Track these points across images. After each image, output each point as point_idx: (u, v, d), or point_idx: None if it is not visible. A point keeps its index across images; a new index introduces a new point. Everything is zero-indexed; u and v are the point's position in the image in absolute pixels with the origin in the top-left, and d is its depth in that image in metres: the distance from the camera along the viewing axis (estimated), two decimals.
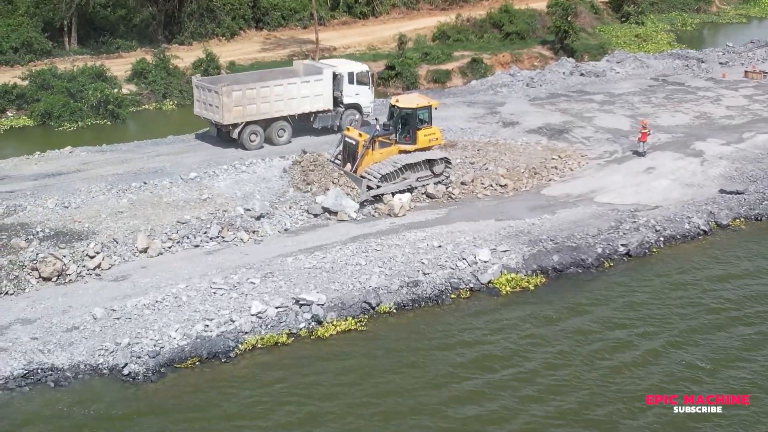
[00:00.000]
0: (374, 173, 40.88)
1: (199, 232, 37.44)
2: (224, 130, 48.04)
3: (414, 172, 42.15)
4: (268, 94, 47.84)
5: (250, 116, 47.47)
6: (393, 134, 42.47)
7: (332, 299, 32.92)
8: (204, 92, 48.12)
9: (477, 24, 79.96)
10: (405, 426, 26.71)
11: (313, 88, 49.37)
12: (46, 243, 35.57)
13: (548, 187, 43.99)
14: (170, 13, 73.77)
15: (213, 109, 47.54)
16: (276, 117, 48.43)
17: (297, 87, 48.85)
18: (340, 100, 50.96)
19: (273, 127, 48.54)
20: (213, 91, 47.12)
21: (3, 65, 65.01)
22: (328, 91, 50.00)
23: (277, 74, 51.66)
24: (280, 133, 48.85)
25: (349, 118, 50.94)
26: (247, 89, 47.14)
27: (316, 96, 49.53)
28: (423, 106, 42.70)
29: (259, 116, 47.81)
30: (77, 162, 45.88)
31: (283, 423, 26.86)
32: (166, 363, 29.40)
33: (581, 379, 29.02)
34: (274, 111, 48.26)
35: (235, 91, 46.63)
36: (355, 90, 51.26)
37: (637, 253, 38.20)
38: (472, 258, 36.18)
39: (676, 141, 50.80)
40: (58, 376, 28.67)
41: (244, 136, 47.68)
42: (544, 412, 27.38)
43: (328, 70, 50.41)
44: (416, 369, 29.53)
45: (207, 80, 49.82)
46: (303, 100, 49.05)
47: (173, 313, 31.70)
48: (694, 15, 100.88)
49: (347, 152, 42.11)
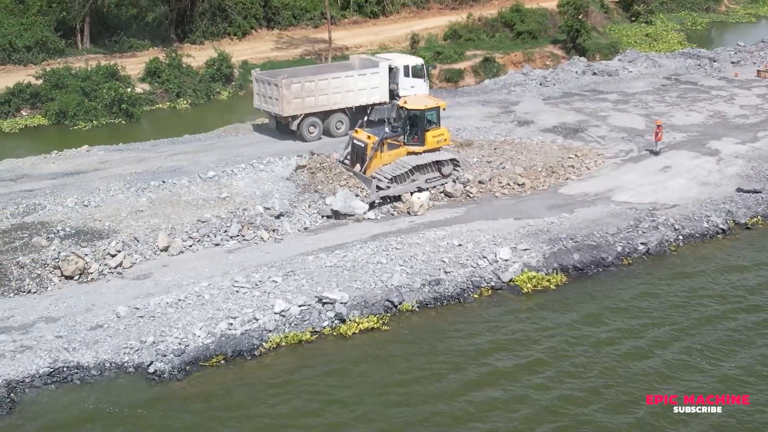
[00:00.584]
0: (384, 175, 40.75)
1: (220, 231, 37.48)
2: (283, 122, 49.68)
3: (423, 174, 42.06)
4: (326, 86, 49.55)
5: (309, 108, 49.16)
6: (401, 136, 42.24)
7: (355, 297, 32.93)
8: (263, 85, 49.79)
9: (488, 23, 79.97)
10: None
11: (369, 80, 51.09)
12: (67, 242, 35.63)
13: (565, 186, 43.96)
14: (182, 12, 73.91)
15: (272, 101, 49.25)
16: (334, 109, 50.15)
17: (354, 80, 50.57)
18: (396, 93, 52.34)
19: (331, 119, 50.28)
20: (272, 84, 48.83)
21: (16, 64, 65.16)
22: (384, 83, 51.72)
23: (335, 68, 53.83)
24: (338, 125, 50.51)
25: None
26: (306, 82, 48.94)
27: (373, 89, 51.25)
28: (431, 108, 42.43)
29: (318, 108, 49.49)
30: (95, 161, 45.99)
31: (310, 420, 26.86)
32: (192, 361, 29.41)
33: (605, 379, 28.99)
34: (332, 103, 50.00)
35: (294, 83, 48.42)
36: (410, 83, 53.19)
37: (657, 252, 38.18)
38: (493, 256, 36.18)
39: (691, 140, 50.76)
40: (84, 375, 28.68)
41: (303, 128, 49.36)
42: (555, 403, 27.55)
43: (384, 63, 52.24)
44: (439, 366, 29.55)
45: (266, 74, 51.64)
46: (360, 92, 50.74)
47: (197, 311, 31.73)
48: (703, 14, 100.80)
49: (356, 154, 41.96)
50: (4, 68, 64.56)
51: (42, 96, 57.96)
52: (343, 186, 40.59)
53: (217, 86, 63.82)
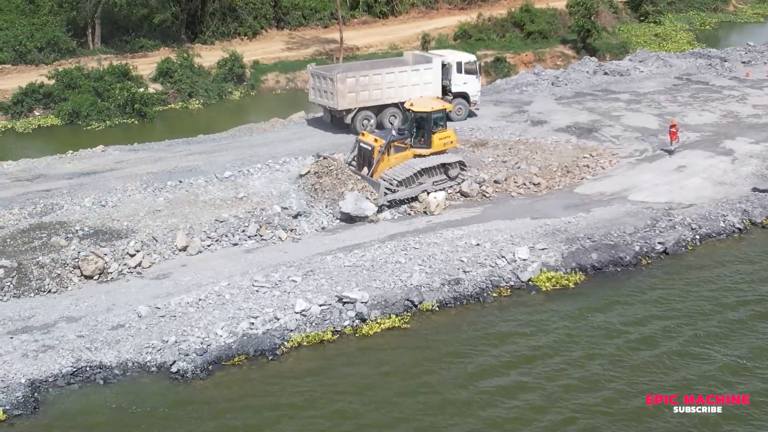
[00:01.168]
0: (392, 178, 40.57)
1: (238, 231, 37.53)
2: (338, 115, 50.75)
3: (430, 177, 41.85)
4: (380, 81, 50.51)
5: (363, 102, 50.28)
6: (408, 138, 42.01)
7: (375, 297, 32.95)
8: (319, 80, 50.96)
9: (498, 23, 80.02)
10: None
11: (422, 76, 51.70)
12: (85, 241, 35.67)
13: (581, 186, 43.96)
14: (193, 13, 73.92)
15: (327, 95, 50.39)
16: (387, 103, 50.96)
17: (407, 75, 51.27)
18: (448, 89, 53.23)
19: (384, 113, 51.20)
20: (328, 79, 49.95)
21: (28, 64, 65.23)
22: (437, 79, 52.37)
23: (388, 63, 54.55)
24: (391, 119, 51.16)
25: (458, 106, 53.47)
26: (361, 77, 50.04)
27: (426, 84, 51.68)
28: (438, 110, 42.16)
29: (371, 102, 50.50)
30: (110, 161, 46.03)
31: (334, 419, 26.94)
32: (214, 361, 29.46)
33: (627, 380, 29.02)
34: (386, 98, 50.83)
35: (349, 78, 49.52)
36: (463, 79, 53.60)
37: (674, 251, 38.20)
38: (511, 256, 36.20)
39: (705, 140, 50.71)
40: (106, 374, 28.76)
41: (357, 122, 50.32)
42: (575, 406, 27.55)
43: (438, 59, 52.74)
44: (460, 364, 29.60)
45: (322, 68, 52.96)
46: (413, 87, 51.05)
47: (217, 311, 31.78)
48: (712, 14, 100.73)
49: (362, 157, 41.64)
50: (15, 68, 64.64)
51: (55, 96, 58.06)
52: (352, 189, 40.29)
53: (229, 86, 63.90)
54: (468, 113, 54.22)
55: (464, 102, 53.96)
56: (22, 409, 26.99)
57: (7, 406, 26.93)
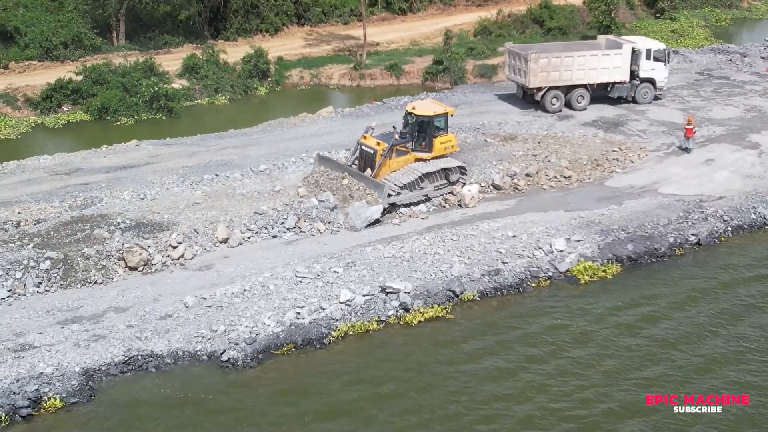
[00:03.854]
0: (395, 182, 40.22)
1: (276, 223, 37.98)
2: (529, 92, 54.66)
3: (431, 182, 41.58)
4: (571, 63, 53.69)
5: (553, 82, 53.80)
6: (409, 142, 41.68)
7: (417, 287, 33.42)
8: (514, 58, 54.76)
9: (518, 19, 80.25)
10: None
11: (612, 60, 54.64)
12: (128, 234, 36.14)
13: (611, 179, 44.37)
14: (215, 10, 74.29)
15: (521, 73, 54.15)
16: (576, 84, 54.29)
17: (597, 59, 54.35)
18: (636, 74, 55.93)
19: (573, 93, 54.55)
20: (522, 58, 53.53)
21: (54, 61, 65.69)
22: (626, 64, 55.02)
23: (580, 46, 58.30)
24: (579, 99, 54.69)
25: (644, 90, 56.28)
26: (553, 58, 53.37)
27: (614, 68, 54.76)
28: (440, 114, 41.93)
29: (561, 83, 53.98)
30: (145, 155, 46.56)
31: (384, 405, 27.49)
32: (263, 349, 29.97)
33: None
34: (575, 79, 54.11)
35: (542, 58, 52.95)
36: (651, 65, 56.00)
37: (707, 243, 38.66)
38: (548, 247, 36.64)
39: (730, 133, 51.04)
40: (158, 363, 29.29)
41: (546, 100, 54.11)
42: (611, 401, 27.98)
43: (628, 45, 55.40)
44: (510, 356, 30.10)
45: (518, 47, 56.54)
46: (602, 71, 54.46)
47: (263, 301, 32.25)
48: (726, 11, 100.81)
49: (363, 159, 41.19)
50: (42, 65, 65.11)
51: (83, 92, 58.43)
52: (351, 197, 39.69)
53: (254, 82, 64.19)
54: (653, 97, 56.76)
55: (650, 86, 56.40)
56: (78, 397, 27.55)
57: (64, 394, 27.48)
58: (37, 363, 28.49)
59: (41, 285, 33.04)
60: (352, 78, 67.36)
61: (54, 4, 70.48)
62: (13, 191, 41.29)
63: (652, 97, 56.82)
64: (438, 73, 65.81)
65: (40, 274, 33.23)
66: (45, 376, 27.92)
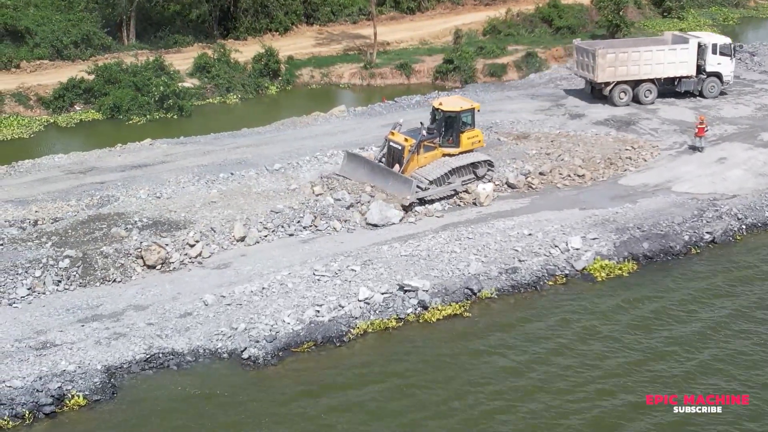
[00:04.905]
0: (424, 177, 40.60)
1: (293, 221, 38.11)
2: (597, 87, 55.92)
3: (459, 176, 42.01)
4: (638, 58, 55.02)
5: (621, 77, 55.05)
6: (437, 138, 42.13)
7: (435, 285, 33.54)
8: (582, 54, 56.30)
9: (527, 18, 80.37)
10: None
11: (678, 55, 55.80)
12: (145, 232, 36.30)
13: (624, 177, 44.43)
14: (225, 9, 74.44)
15: (589, 68, 55.63)
16: (643, 79, 55.49)
17: (664, 54, 55.60)
18: (703, 68, 56.74)
19: (641, 87, 55.71)
20: (590, 53, 55.07)
21: (64, 60, 65.88)
22: (692, 59, 56.10)
23: (647, 42, 59.46)
24: (647, 93, 55.87)
25: (710, 84, 57.00)
26: (620, 53, 54.77)
27: (681, 63, 55.91)
28: (466, 109, 42.46)
29: (629, 77, 55.22)
30: (160, 153, 46.72)
31: (404, 402, 27.60)
32: (283, 347, 30.09)
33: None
34: (642, 73, 55.38)
35: (609, 53, 54.40)
36: (717, 60, 56.72)
37: (722, 241, 38.77)
38: (564, 245, 36.77)
39: (742, 132, 51.12)
40: (179, 360, 29.44)
41: (614, 94, 55.33)
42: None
43: (694, 40, 56.48)
44: (532, 353, 30.25)
45: (586, 43, 58.54)
46: (668, 65, 55.68)
47: (281, 299, 32.40)
48: (733, 10, 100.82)
49: (392, 156, 41.56)
50: (53, 64, 65.33)
51: (95, 91, 58.65)
52: (362, 192, 40.16)
53: (265, 81, 64.34)
54: (719, 92, 57.45)
55: (717, 81, 57.09)
56: (100, 394, 27.70)
57: (87, 391, 27.60)
58: (59, 361, 28.63)
59: (60, 283, 33.20)
60: (362, 77, 67.59)
61: (64, 4, 70.77)
62: (30, 190, 41.44)
63: (719, 92, 57.50)
64: (448, 72, 66.02)
65: (59, 273, 33.39)
66: (67, 374, 28.05)
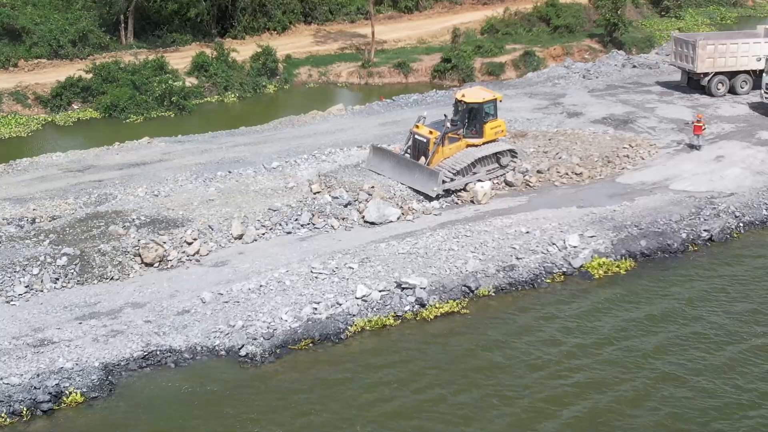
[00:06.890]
0: (449, 168, 41.27)
1: (291, 219, 38.15)
2: (695, 78, 57.83)
3: (483, 166, 42.70)
4: (736, 50, 56.84)
5: (719, 68, 56.99)
6: (461, 129, 42.82)
7: (432, 283, 33.60)
8: (681, 46, 58.20)
9: (525, 18, 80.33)
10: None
11: None
12: (143, 230, 36.32)
13: (622, 176, 44.47)
14: (223, 8, 74.39)
15: (688, 59, 57.54)
16: (740, 70, 57.30)
17: (761, 46, 56.86)
18: None
19: (737, 78, 57.55)
20: (690, 45, 57.00)
21: (62, 59, 65.86)
22: None
23: (744, 34, 61.08)
24: (743, 84, 57.75)
25: None
26: (719, 45, 56.74)
27: None
28: (489, 100, 43.09)
29: (726, 68, 57.10)
30: (158, 152, 46.72)
31: (403, 400, 27.64)
32: (281, 345, 30.16)
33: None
34: (739, 65, 57.16)
35: (709, 45, 56.30)
36: None
37: (720, 239, 38.83)
38: (562, 243, 36.83)
39: (740, 130, 51.18)
40: (177, 358, 29.49)
41: (712, 85, 57.26)
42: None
43: None
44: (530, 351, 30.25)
45: (684, 35, 61.03)
46: (763, 58, 55.77)
47: (279, 296, 32.44)
48: (731, 9, 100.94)
49: (417, 149, 42.13)
50: (51, 63, 65.30)
51: (93, 90, 58.66)
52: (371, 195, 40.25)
53: (263, 80, 64.37)
54: None
55: None
56: (98, 391, 27.74)
57: (84, 389, 27.63)
58: (57, 358, 28.65)
59: (58, 281, 33.21)
60: (360, 76, 67.65)
61: (62, 2, 70.81)
62: (28, 188, 41.44)
63: None
64: (446, 71, 66.10)
65: (56, 270, 33.40)
66: (65, 371, 28.08)
